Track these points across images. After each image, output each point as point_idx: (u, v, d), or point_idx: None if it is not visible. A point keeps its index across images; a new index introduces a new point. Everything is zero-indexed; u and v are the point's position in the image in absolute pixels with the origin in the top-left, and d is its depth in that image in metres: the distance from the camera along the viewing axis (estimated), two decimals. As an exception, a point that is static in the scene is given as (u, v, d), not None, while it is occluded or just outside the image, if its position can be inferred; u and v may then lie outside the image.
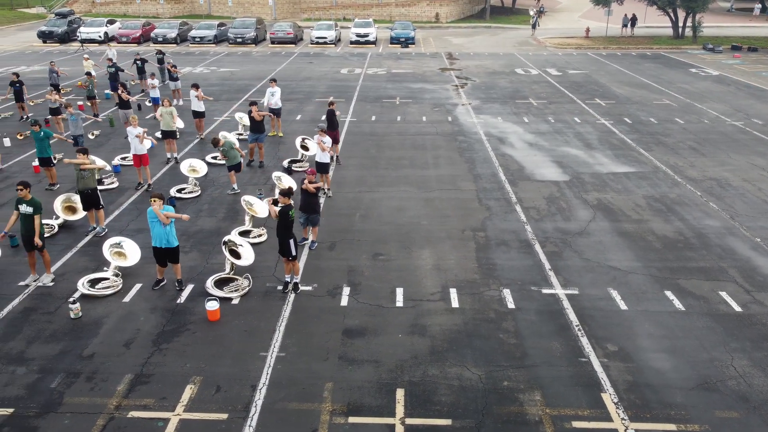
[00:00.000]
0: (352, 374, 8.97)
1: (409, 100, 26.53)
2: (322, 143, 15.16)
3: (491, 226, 13.95)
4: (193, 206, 15.11)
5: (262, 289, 11.29)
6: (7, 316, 10.45)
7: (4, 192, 16.00)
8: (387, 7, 59.39)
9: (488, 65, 35.57)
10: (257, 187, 16.30)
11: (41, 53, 40.14)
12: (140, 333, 9.98)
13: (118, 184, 16.48)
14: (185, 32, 45.63)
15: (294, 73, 33.05)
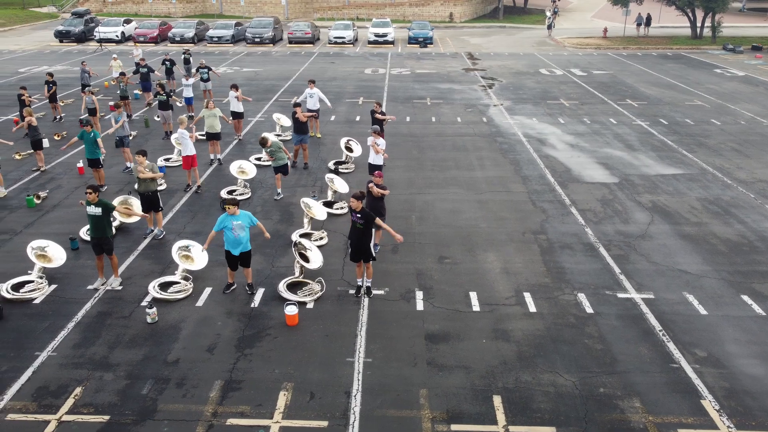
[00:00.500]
0: (444, 380, 8.87)
1: (440, 100, 26.42)
2: (376, 145, 15.05)
3: (551, 228, 13.85)
4: (245, 208, 14.95)
5: (334, 293, 11.19)
6: (83, 320, 10.34)
7: (54, 193, 15.86)
8: (400, 7, 59.27)
9: (511, 65, 35.46)
10: (306, 188, 16.22)
11: (60, 53, 40.02)
12: (221, 338, 9.87)
13: (166, 186, 16.33)
14: (202, 32, 45.52)
15: (318, 73, 32.93)
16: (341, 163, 17.95)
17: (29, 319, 10.38)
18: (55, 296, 11.09)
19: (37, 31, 50.86)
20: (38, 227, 13.95)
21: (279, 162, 15.26)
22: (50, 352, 9.51)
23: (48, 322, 10.28)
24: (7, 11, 60.61)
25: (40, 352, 9.50)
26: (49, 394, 8.60)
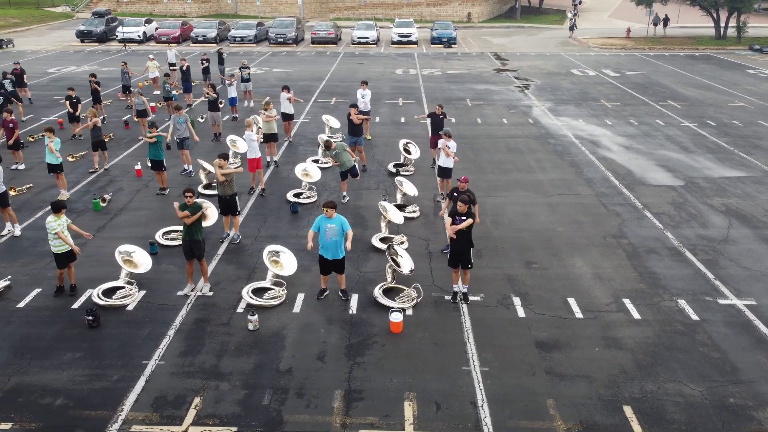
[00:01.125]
0: (568, 390, 8.69)
1: (480, 101, 26.24)
2: (446, 148, 14.87)
3: (630, 233, 13.67)
4: (314, 212, 14.80)
5: (430, 300, 11.02)
6: (182, 327, 10.16)
7: (117, 196, 15.67)
8: (417, 7, 59.08)
9: (541, 66, 35.29)
10: (369, 191, 16.08)
11: (84, 53, 39.82)
12: (328, 346, 9.69)
13: (230, 189, 16.10)
14: (223, 32, 45.32)
15: (349, 73, 32.74)
16: (401, 165, 17.76)
17: (127, 327, 10.20)
18: (147, 302, 10.90)
19: (55, 31, 50.64)
20: (110, 231, 13.75)
21: (345, 166, 15.06)
22: (157, 360, 9.32)
23: (147, 330, 10.09)
24: (21, 11, 60.39)
25: (147, 361, 9.31)
26: (168, 404, 8.41)
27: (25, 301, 10.90)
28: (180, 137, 17.16)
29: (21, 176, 17.07)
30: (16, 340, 9.81)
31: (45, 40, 45.24)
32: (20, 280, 11.58)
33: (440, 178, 15.42)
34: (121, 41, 43.36)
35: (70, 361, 9.31)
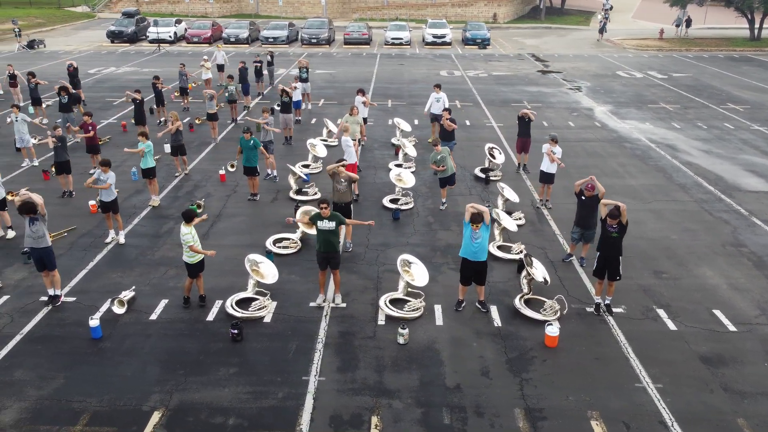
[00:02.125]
0: (756, 408, 8.39)
1: (538, 104, 25.95)
2: (552, 153, 14.57)
3: (747, 240, 13.41)
4: (416, 219, 14.51)
5: (571, 311, 10.70)
6: (329, 341, 9.86)
7: (210, 202, 15.34)
8: (442, 7, 58.78)
9: (583, 68, 35.01)
10: (464, 197, 15.73)
11: (117, 54, 39.47)
12: (488, 361, 9.40)
13: (320, 195, 15.81)
14: (254, 32, 44.98)
15: (395, 75, 32.43)
16: (487, 170, 17.44)
17: (271, 340, 9.89)
18: (283, 314, 10.59)
19: (80, 31, 50.27)
20: (215, 239, 13.43)
21: (447, 172, 14.76)
22: (317, 377, 9.01)
23: (293, 343, 9.78)
24: (42, 10, 60.02)
25: (307, 377, 9.01)
26: (346, 423, 8.12)
27: (157, 313, 10.58)
28: (264, 140, 16.83)
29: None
30: (162, 355, 9.49)
31: (73, 40, 44.89)
32: (143, 290, 11.26)
33: (542, 183, 15.10)
34: (153, 41, 43.03)
35: (226, 377, 8.99)
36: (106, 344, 9.73)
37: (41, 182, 16.60)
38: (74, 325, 10.22)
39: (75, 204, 15.30)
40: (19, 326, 10.17)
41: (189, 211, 10.46)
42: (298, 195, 15.71)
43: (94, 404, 8.39)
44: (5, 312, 10.55)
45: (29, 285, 11.47)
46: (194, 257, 10.44)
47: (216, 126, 20.52)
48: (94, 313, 10.54)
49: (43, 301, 10.91)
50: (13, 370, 9.07)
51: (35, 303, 10.89)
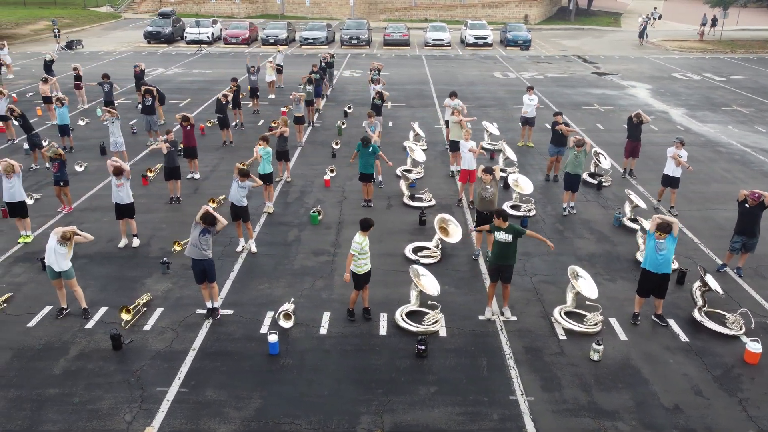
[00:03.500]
0: None
1: (609, 106, 25.60)
2: (678, 157, 14.18)
3: None
4: (543, 225, 14.10)
5: (757, 325, 10.28)
6: (518, 357, 9.48)
7: (327, 209, 14.91)
8: (472, 8, 58.42)
9: (636, 69, 34.67)
10: (588, 203, 15.27)
11: (158, 54, 39.05)
12: (693, 378, 9.04)
13: (435, 202, 15.40)
14: (291, 33, 44.59)
15: (449, 77, 32.04)
16: (595, 175, 17.04)
17: (457, 356, 9.50)
18: (455, 328, 10.20)
19: (110, 31, 49.82)
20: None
21: (578, 173, 14.41)
22: (524, 396, 8.60)
23: (481, 360, 9.40)
24: (68, 11, 59.53)
25: (514, 397, 8.59)
26: (578, 448, 7.67)
27: (325, 327, 10.18)
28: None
29: (203, 186, 16.30)
30: (351, 372, 9.09)
31: (108, 40, 44.43)
32: (299, 303, 10.83)
33: (664, 187, 14.71)
34: (190, 42, 42.64)
35: (429, 396, 8.59)
36: (287, 360, 9.31)
37: (140, 188, 16.15)
38: (244, 340, 9.80)
39: (184, 210, 14.85)
40: (187, 341, 9.76)
41: (368, 220, 10.03)
42: (413, 201, 15.28)
43: (305, 426, 7.99)
44: (167, 326, 10.13)
45: (178, 297, 11.04)
46: (364, 267, 10.02)
47: (302, 129, 20.10)
48: (257, 326, 10.15)
49: (201, 314, 10.47)
50: (203, 389, 8.65)
51: (193, 316, 10.48)
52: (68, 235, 9.76)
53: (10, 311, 10.53)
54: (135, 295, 11.02)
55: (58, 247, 9.83)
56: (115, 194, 12.52)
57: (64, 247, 9.78)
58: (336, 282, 11.54)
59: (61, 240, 9.71)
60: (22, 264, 12.19)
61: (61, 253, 9.79)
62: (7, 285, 11.39)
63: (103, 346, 9.61)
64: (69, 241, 9.80)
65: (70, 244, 9.82)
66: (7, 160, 12.60)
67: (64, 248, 9.79)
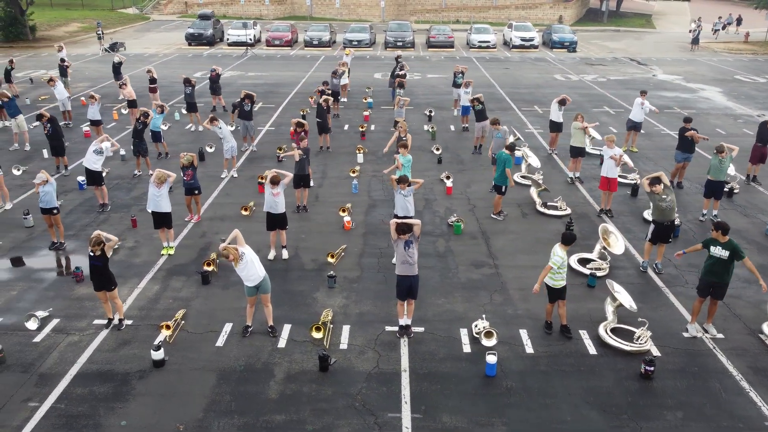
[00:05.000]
0: None
1: (691, 110, 25.20)
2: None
3: None
4: (692, 236, 13.61)
5: None
6: (748, 378, 8.91)
7: (465, 218, 14.40)
8: (505, 10, 58.00)
9: (696, 71, 34.26)
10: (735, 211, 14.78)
11: (204, 57, 38.58)
12: None
13: (570, 211, 14.92)
14: (332, 35, 44.16)
15: (512, 80, 31.56)
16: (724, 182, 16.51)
17: (684, 377, 9.08)
18: (666, 347, 9.79)
19: (144, 33, 49.30)
20: (506, 259, 12.49)
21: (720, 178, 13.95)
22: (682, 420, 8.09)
23: (713, 382, 8.91)
24: (96, 13, 59.05)
25: None
26: None
27: (529, 345, 9.72)
28: (494, 151, 15.98)
29: (321, 194, 15.80)
30: (583, 395, 8.62)
31: (147, 42, 43.92)
32: (490, 320, 10.30)
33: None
34: (234, 44, 42.17)
35: (679, 421, 8.19)
36: (509, 383, 8.83)
37: (256, 196, 15.66)
38: (451, 360, 9.37)
39: (314, 219, 14.38)
40: (393, 361, 9.31)
41: (571, 234, 9.54)
42: (547, 209, 14.80)
43: (568, 457, 7.46)
44: (364, 345, 9.68)
45: (359, 313, 10.58)
46: (560, 282, 9.54)
47: (401, 135, 19.54)
48: (457, 345, 9.78)
49: (392, 331, 10.00)
50: (438, 415, 8.22)
51: (385, 333, 10.05)
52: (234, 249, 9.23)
53: (191, 329, 10.00)
54: (313, 311, 10.53)
55: (252, 255, 9.33)
56: (271, 204, 12.00)
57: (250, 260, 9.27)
58: (514, 296, 11.07)
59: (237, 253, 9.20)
60: (178, 277, 11.68)
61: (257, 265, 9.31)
62: (173, 300, 10.86)
63: (308, 367, 9.12)
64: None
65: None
66: (162, 171, 12.08)
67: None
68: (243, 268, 9.18)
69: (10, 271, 11.76)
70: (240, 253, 9.02)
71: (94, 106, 19.07)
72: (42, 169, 13.49)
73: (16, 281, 11.49)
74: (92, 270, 9.51)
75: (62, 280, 11.55)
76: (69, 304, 10.72)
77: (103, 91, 27.24)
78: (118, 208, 14.89)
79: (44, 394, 8.45)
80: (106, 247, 9.49)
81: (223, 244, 9.10)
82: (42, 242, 13.10)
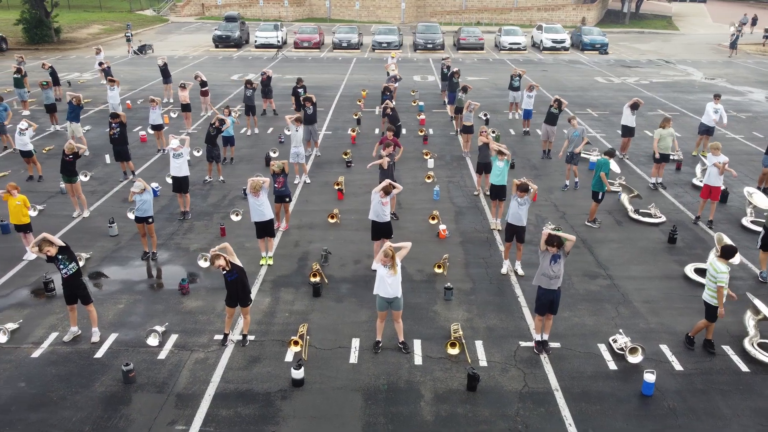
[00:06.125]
0: None
1: (749, 113, 24.87)
2: None
3: None
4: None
5: None
6: None
7: (559, 224, 13.98)
8: (527, 12, 57.68)
9: (735, 74, 33.96)
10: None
11: (235, 59, 38.22)
12: None
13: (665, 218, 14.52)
14: (360, 37, 43.83)
15: (554, 83, 31.15)
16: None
17: None
18: (819, 363, 9.24)
19: (166, 35, 49.00)
20: (620, 269, 12.09)
21: None
22: None
23: None
24: (114, 14, 58.74)
25: None
26: None
27: (676, 362, 9.26)
28: (571, 151, 15.69)
29: (408, 201, 15.38)
30: (752, 417, 8.15)
31: (173, 44, 43.55)
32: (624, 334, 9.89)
33: None
34: (262, 46, 41.78)
35: None
36: (669, 402, 8.50)
37: (335, 202, 15.27)
38: (603, 378, 8.94)
39: (407, 227, 13.96)
40: (540, 379, 8.88)
41: (731, 246, 9.11)
42: (642, 216, 14.40)
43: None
44: (503, 362, 9.25)
45: (487, 327, 10.22)
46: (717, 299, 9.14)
47: (470, 139, 19.18)
48: (599, 361, 9.30)
49: (527, 346, 9.58)
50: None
51: (522, 349, 9.58)
52: (390, 253, 8.82)
53: (318, 344, 9.58)
54: (438, 325, 10.15)
55: (386, 273, 8.90)
56: (378, 212, 11.58)
57: (395, 276, 8.84)
58: (641, 309, 10.69)
59: (389, 263, 8.78)
60: (286, 289, 11.29)
61: (394, 280, 8.87)
62: (289, 314, 10.46)
63: (453, 385, 8.71)
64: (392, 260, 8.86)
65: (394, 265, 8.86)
66: (255, 179, 11.62)
67: (396, 276, 8.86)
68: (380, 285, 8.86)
69: (110, 283, 11.32)
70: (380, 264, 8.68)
71: (156, 110, 18.64)
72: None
73: (118, 294, 11.07)
74: (229, 286, 9.09)
75: (167, 293, 11.12)
76: (182, 318, 10.29)
77: (144, 94, 26.84)
78: (198, 216, 14.47)
79: (188, 416, 8.02)
80: (234, 259, 9.07)
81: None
82: (132, 252, 12.67)
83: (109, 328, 9.95)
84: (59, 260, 9.01)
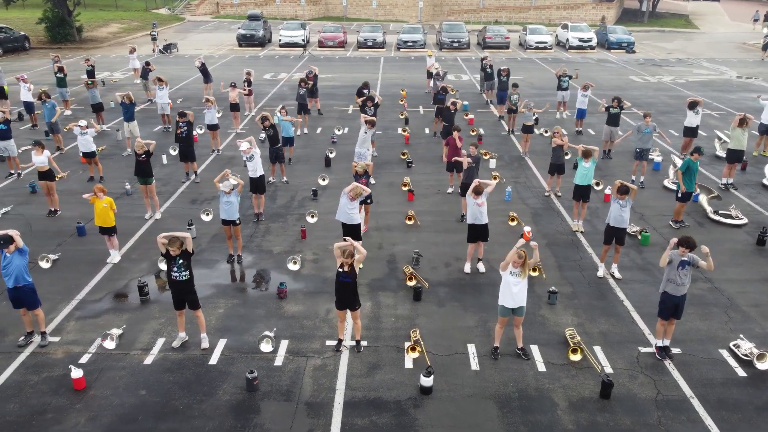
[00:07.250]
0: None
1: (794, 112, 24.37)
2: None
3: None
4: None
5: None
6: None
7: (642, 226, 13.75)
8: (546, 10, 57.43)
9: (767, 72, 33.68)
10: None
11: (262, 58, 38.03)
12: None
13: (747, 220, 14.27)
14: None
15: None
16: None
17: None
18: None
19: (186, 34, 48.72)
20: (717, 272, 11.82)
21: None
22: None
23: None
24: (130, 13, 58.51)
25: None
26: None
27: (806, 368, 9.00)
28: (641, 148, 15.52)
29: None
30: None
31: (195, 43, 43.23)
32: (742, 338, 9.66)
33: None
34: (286, 45, 41.54)
35: None
36: (812, 411, 8.15)
37: (407, 204, 15.04)
38: (737, 385, 8.65)
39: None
40: (671, 387, 8.60)
41: None
42: (723, 218, 14.18)
43: None
44: (627, 368, 8.97)
45: (602, 331, 9.89)
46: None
47: (529, 139, 18.94)
48: (725, 368, 8.96)
49: (648, 352, 9.33)
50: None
51: (643, 355, 9.32)
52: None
53: (434, 350, 9.35)
54: (550, 330, 10.03)
55: (513, 279, 8.68)
56: (476, 215, 11.36)
57: (524, 281, 8.62)
58: (752, 313, 10.53)
59: (519, 270, 8.56)
60: (383, 293, 11.13)
61: (521, 288, 8.65)
62: (395, 319, 10.31)
63: (585, 393, 8.54)
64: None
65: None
66: (359, 185, 11.40)
67: (524, 282, 8.64)
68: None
69: (202, 288, 11.04)
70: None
71: (211, 110, 18.39)
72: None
73: (214, 298, 10.85)
74: (340, 287, 8.87)
75: (264, 297, 10.90)
76: (287, 323, 10.06)
77: (181, 93, 26.60)
78: (272, 218, 14.25)
79: (324, 426, 7.80)
80: (356, 262, 8.84)
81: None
82: (214, 254, 12.44)
83: (215, 333, 9.71)
84: (176, 263, 8.76)
